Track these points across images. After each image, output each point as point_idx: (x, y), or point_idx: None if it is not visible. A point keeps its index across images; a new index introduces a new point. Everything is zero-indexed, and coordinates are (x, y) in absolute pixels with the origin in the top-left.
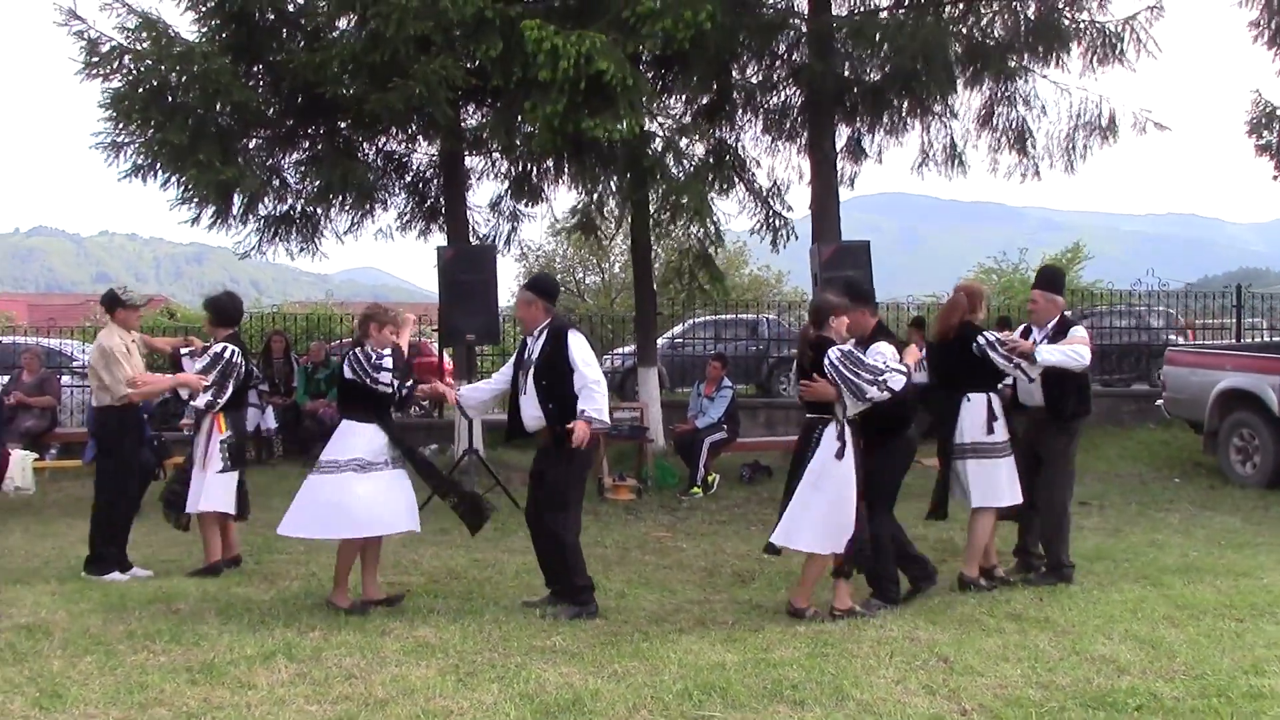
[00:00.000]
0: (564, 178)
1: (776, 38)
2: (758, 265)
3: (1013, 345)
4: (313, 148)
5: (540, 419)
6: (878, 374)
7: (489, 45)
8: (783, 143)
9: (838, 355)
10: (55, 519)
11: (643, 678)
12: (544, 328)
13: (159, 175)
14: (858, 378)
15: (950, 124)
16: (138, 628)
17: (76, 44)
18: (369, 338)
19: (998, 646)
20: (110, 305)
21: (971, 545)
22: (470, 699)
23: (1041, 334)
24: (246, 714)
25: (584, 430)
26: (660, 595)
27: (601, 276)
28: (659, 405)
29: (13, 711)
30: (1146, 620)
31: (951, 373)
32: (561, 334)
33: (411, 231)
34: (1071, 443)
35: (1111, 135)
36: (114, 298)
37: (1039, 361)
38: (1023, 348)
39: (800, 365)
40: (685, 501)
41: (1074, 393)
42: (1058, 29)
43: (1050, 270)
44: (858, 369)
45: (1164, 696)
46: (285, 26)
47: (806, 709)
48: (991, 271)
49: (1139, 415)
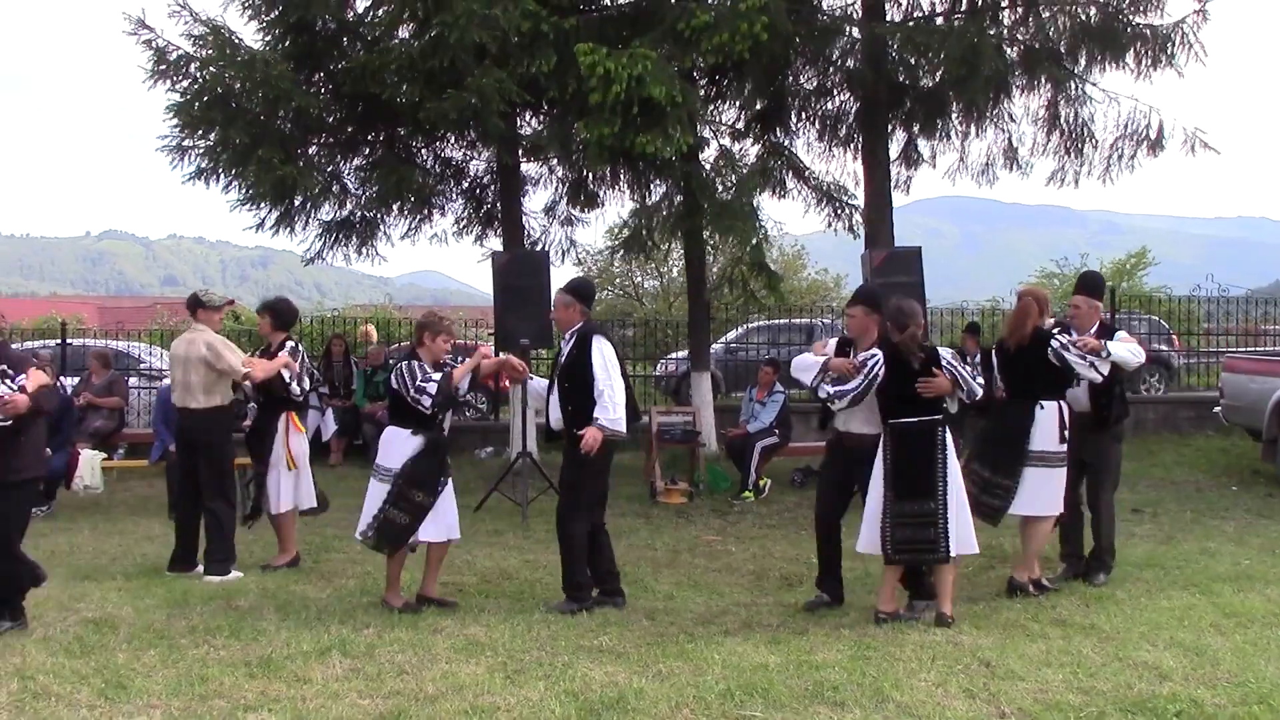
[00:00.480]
0: (620, 184)
1: (831, 44)
2: (816, 268)
3: (1084, 344)
4: (372, 154)
5: (560, 420)
6: (972, 374)
7: (543, 59)
8: (837, 148)
9: (950, 355)
10: (123, 517)
11: (686, 677)
12: (575, 330)
13: (221, 178)
14: (969, 378)
15: (1008, 128)
16: (199, 623)
17: (145, 52)
18: (423, 346)
19: (1040, 652)
20: (193, 307)
21: (1029, 551)
22: (518, 696)
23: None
24: (301, 707)
25: (593, 436)
26: (708, 598)
27: (660, 280)
28: (711, 410)
29: (79, 701)
30: (1193, 628)
31: (1028, 380)
32: (587, 338)
33: (468, 236)
34: (1118, 446)
35: (1158, 148)
36: (196, 300)
37: (1106, 357)
38: (1093, 345)
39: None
40: (736, 505)
41: (1118, 398)
42: (1114, 33)
43: (1091, 275)
44: (964, 369)
45: (1204, 703)
46: (346, 36)
47: (846, 710)
48: (1053, 276)
49: (1197, 422)
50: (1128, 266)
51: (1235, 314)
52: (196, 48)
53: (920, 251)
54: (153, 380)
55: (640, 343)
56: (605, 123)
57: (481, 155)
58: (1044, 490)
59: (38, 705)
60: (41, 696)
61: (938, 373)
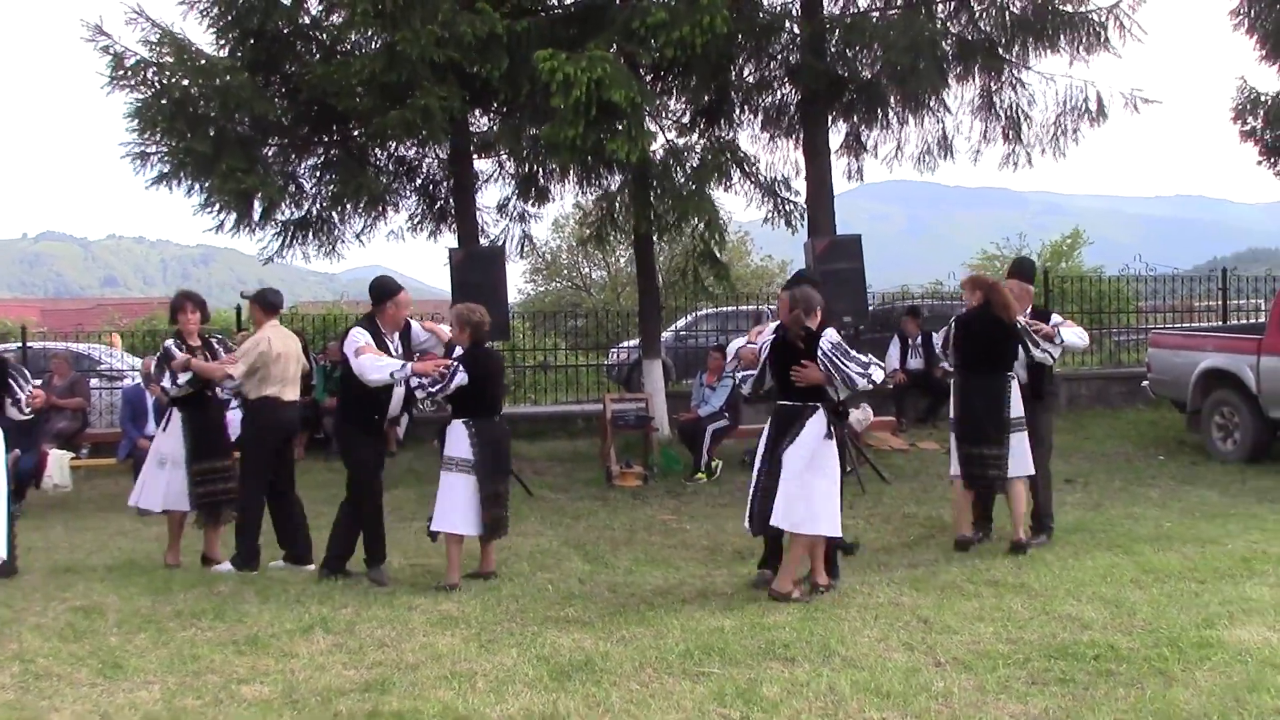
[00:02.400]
0: (569, 179)
1: (772, 39)
2: (760, 256)
3: (1038, 329)
4: (326, 154)
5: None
6: (864, 365)
7: (494, 65)
8: (780, 139)
9: (829, 345)
10: (92, 514)
11: (648, 641)
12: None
13: (183, 183)
14: (848, 368)
15: (944, 117)
16: (184, 608)
17: (103, 58)
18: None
19: (974, 609)
20: (273, 306)
21: (1018, 512)
22: (492, 662)
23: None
24: (291, 678)
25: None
26: (665, 571)
27: (607, 271)
28: (664, 396)
29: (80, 680)
30: (1114, 584)
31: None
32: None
33: (423, 233)
34: (1051, 417)
35: (1100, 118)
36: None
37: (1059, 343)
38: (1045, 331)
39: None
40: (690, 486)
41: (1048, 374)
42: (1043, 23)
43: (1022, 261)
44: (848, 360)
45: (1121, 648)
46: (299, 39)
47: (797, 665)
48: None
49: (1128, 396)
50: (1064, 247)
51: (1162, 292)
52: (153, 53)
53: (860, 239)
54: (113, 381)
55: (590, 332)
56: (569, 125)
57: (433, 154)
58: (1019, 452)
59: (41, 685)
60: (43, 677)
61: (808, 364)
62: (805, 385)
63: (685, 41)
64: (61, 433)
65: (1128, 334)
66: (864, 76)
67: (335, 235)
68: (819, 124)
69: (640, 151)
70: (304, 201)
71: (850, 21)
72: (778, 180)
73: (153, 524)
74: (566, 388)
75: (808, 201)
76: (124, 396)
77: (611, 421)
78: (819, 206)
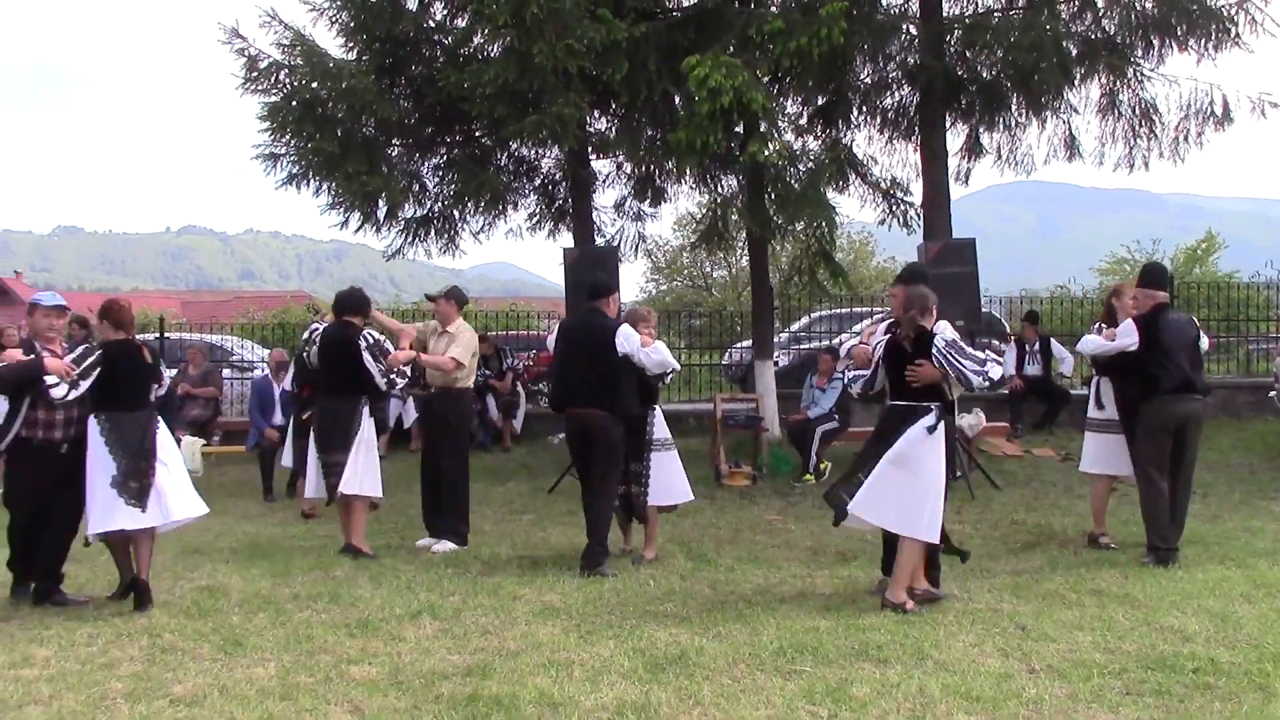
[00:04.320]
0: (686, 180)
1: (890, 40)
2: (884, 257)
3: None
4: (449, 154)
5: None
6: (981, 363)
7: (616, 69)
8: (898, 141)
9: (944, 343)
10: (221, 499)
11: (743, 638)
12: None
13: (311, 183)
14: (964, 365)
15: (1070, 117)
16: (301, 590)
17: (238, 60)
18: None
19: (1074, 618)
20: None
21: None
22: (590, 652)
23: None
24: (398, 661)
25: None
26: (766, 571)
27: (729, 270)
28: (774, 396)
29: (202, 655)
30: (1223, 597)
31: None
32: None
33: (541, 231)
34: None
35: (1225, 122)
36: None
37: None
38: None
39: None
40: (797, 488)
41: (1130, 379)
42: (1169, 21)
43: (1150, 267)
44: (963, 358)
45: (1221, 661)
46: (424, 43)
47: (889, 666)
48: (1124, 261)
49: (1255, 407)
50: (1199, 251)
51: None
52: (286, 56)
53: (974, 243)
54: (244, 372)
55: (707, 332)
56: (706, 129)
57: (552, 154)
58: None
59: (166, 658)
60: (169, 651)
61: (922, 362)
62: (920, 385)
63: (802, 51)
64: (195, 420)
65: (1259, 342)
66: (984, 77)
67: (455, 233)
68: (937, 125)
69: (776, 154)
70: (426, 200)
71: (971, 22)
72: (894, 182)
73: (277, 510)
74: (682, 387)
75: (924, 203)
76: (253, 387)
77: (722, 421)
78: (936, 208)
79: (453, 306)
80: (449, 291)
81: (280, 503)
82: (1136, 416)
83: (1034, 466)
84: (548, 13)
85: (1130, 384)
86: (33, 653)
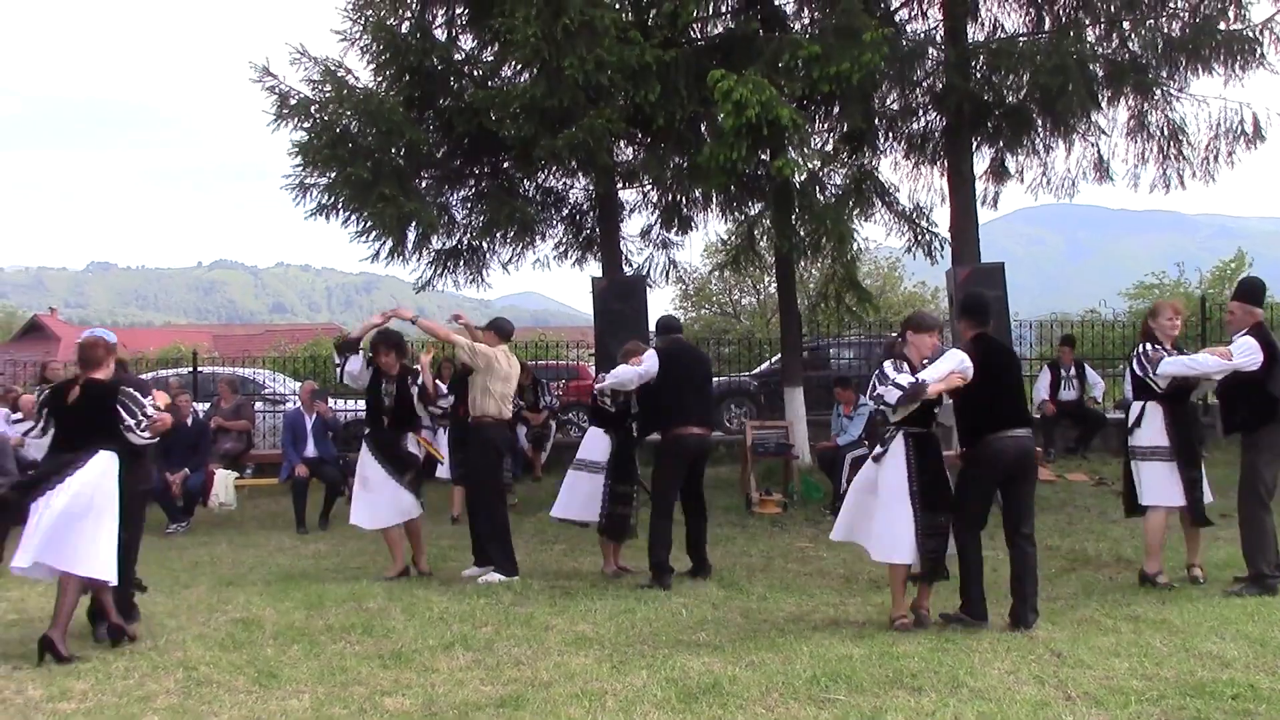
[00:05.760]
0: (713, 207)
1: (916, 66)
2: (913, 283)
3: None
4: (477, 185)
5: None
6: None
7: (647, 90)
8: (924, 166)
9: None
10: (255, 531)
11: (776, 666)
12: None
13: (340, 213)
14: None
15: (1098, 140)
16: (335, 622)
17: (269, 97)
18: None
19: (1111, 644)
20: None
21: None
22: (623, 682)
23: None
24: (431, 692)
25: None
26: (799, 599)
27: (757, 297)
28: (804, 423)
29: (237, 687)
30: (1262, 623)
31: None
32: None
33: (568, 261)
34: (1248, 454)
35: (1257, 140)
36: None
37: (1159, 373)
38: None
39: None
40: (829, 515)
41: (1242, 403)
42: (1195, 44)
43: (1248, 281)
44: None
45: (1261, 688)
46: (453, 75)
47: (923, 694)
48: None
49: None
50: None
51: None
52: (315, 91)
53: (1003, 267)
54: (276, 405)
55: (735, 359)
56: (732, 146)
57: (580, 183)
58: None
59: (201, 691)
60: (204, 684)
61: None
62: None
63: (842, 76)
64: (228, 453)
65: None
66: (1009, 101)
67: (483, 264)
68: (963, 150)
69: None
70: (455, 231)
71: (996, 46)
72: (918, 209)
73: (310, 541)
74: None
75: (952, 228)
76: (285, 420)
77: (752, 448)
78: (963, 233)
79: (492, 336)
80: (490, 324)
81: (313, 534)
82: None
83: (1067, 491)
84: (579, 25)
85: (1240, 406)
86: (70, 686)
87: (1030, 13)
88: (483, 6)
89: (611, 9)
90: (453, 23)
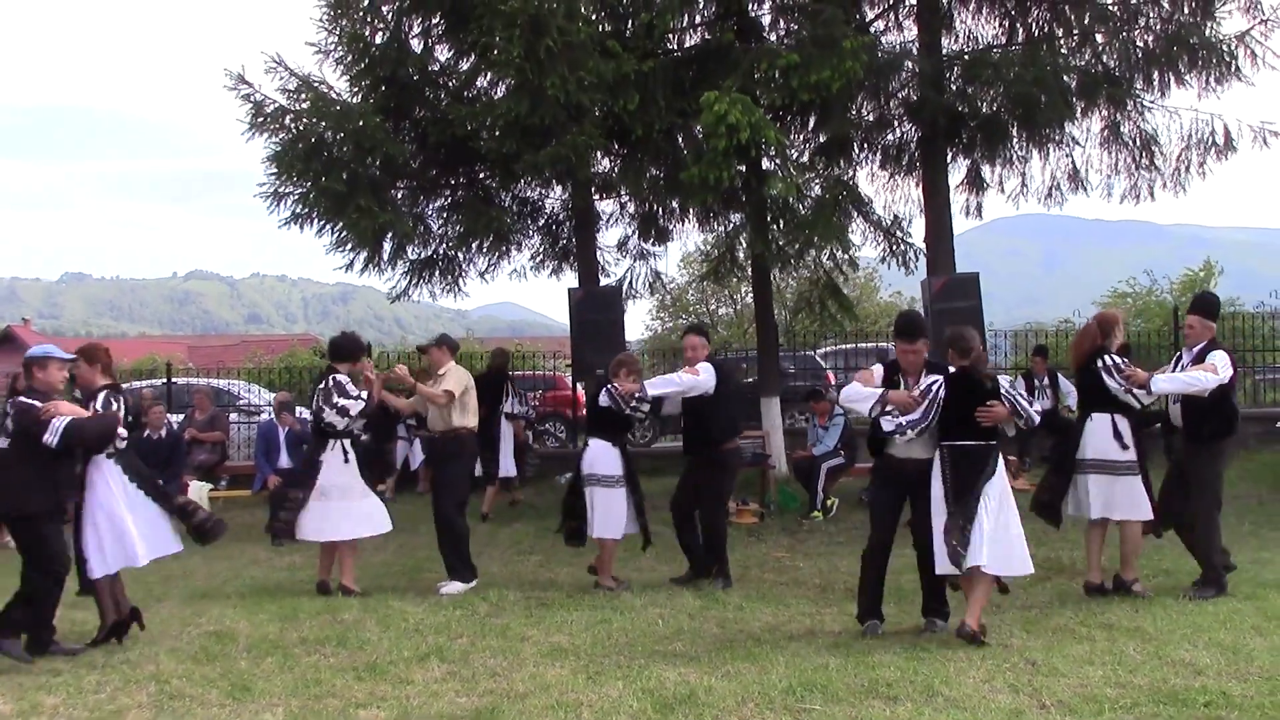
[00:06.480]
0: (689, 217)
1: (891, 77)
2: (889, 292)
3: (1130, 374)
4: (453, 195)
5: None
6: (1032, 403)
7: (626, 100)
8: (900, 177)
9: (1008, 384)
10: (228, 543)
11: (752, 676)
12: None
13: (315, 223)
14: (1028, 404)
15: (1072, 150)
16: (309, 634)
17: (243, 105)
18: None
19: (1085, 652)
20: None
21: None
22: (598, 694)
23: (1190, 356)
24: (406, 704)
25: None
26: (775, 608)
27: (733, 308)
28: (781, 433)
29: (210, 701)
30: (1234, 629)
31: (1083, 394)
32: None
33: (544, 271)
34: (1214, 463)
35: (1228, 151)
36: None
37: (1153, 391)
38: (1138, 378)
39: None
40: (806, 524)
41: (1212, 415)
42: (1169, 56)
43: (1205, 296)
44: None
45: (1233, 694)
46: (429, 86)
47: (899, 704)
48: (1125, 296)
49: (1264, 438)
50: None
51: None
52: (291, 101)
53: (978, 277)
54: (250, 416)
55: None
56: (719, 166)
57: (556, 194)
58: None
59: (174, 705)
60: (177, 697)
61: (994, 402)
62: (990, 425)
63: (821, 85)
64: (202, 464)
65: (1266, 372)
66: (984, 112)
67: (459, 274)
68: (939, 161)
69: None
70: (430, 241)
71: (971, 58)
72: (894, 220)
73: (285, 554)
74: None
75: (927, 238)
76: (259, 431)
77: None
78: (939, 243)
79: (444, 352)
80: (439, 339)
81: (287, 546)
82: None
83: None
84: (561, 46)
85: (1210, 418)
86: (41, 700)
87: (1004, 25)
88: (460, 18)
89: (589, 22)
90: (429, 33)
